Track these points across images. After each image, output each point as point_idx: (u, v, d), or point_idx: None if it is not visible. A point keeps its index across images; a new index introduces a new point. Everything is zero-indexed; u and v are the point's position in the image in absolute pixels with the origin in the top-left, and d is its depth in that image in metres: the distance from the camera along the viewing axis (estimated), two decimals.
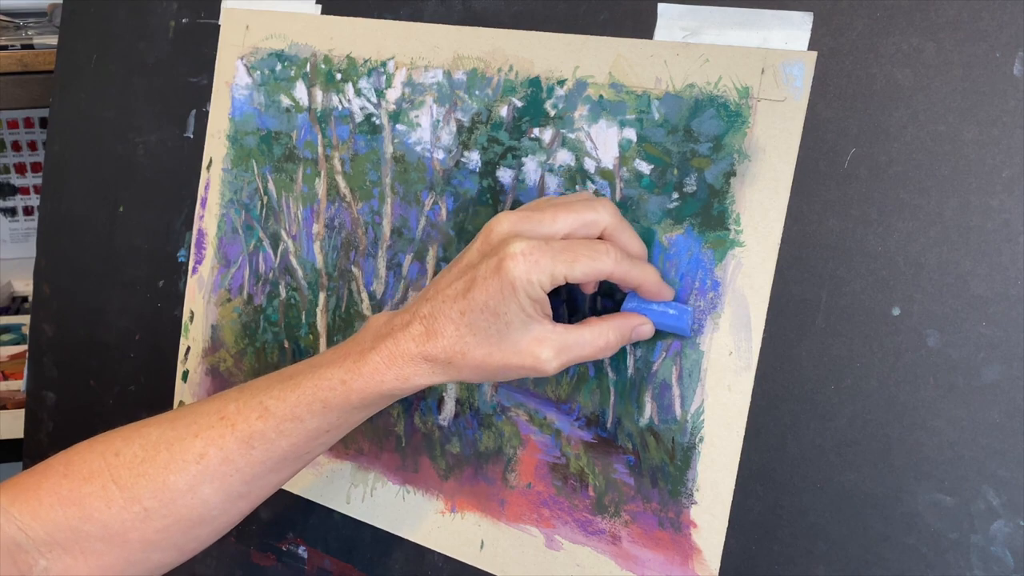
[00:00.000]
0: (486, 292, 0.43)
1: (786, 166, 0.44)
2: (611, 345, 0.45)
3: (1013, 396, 0.40)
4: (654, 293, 0.46)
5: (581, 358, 0.45)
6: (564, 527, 0.51)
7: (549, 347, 0.43)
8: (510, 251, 0.42)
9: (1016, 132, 0.39)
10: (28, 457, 0.78)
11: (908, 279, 0.42)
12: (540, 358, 0.43)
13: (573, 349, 0.44)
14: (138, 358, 0.70)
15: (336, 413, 0.46)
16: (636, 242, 0.46)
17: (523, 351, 0.43)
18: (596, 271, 0.43)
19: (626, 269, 0.44)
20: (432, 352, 0.44)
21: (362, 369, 0.45)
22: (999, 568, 0.40)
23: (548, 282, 0.42)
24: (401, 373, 0.44)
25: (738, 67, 0.45)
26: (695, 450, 0.47)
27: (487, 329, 0.43)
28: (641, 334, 0.46)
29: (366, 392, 0.45)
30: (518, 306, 0.42)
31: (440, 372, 0.45)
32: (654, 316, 0.46)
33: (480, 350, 0.43)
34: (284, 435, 0.46)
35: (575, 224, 0.44)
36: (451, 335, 0.44)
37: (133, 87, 0.70)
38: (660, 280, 0.46)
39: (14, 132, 1.30)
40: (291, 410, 0.45)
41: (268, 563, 0.63)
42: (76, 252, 0.74)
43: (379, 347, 0.45)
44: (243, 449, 0.46)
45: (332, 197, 0.59)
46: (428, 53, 0.55)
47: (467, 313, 0.43)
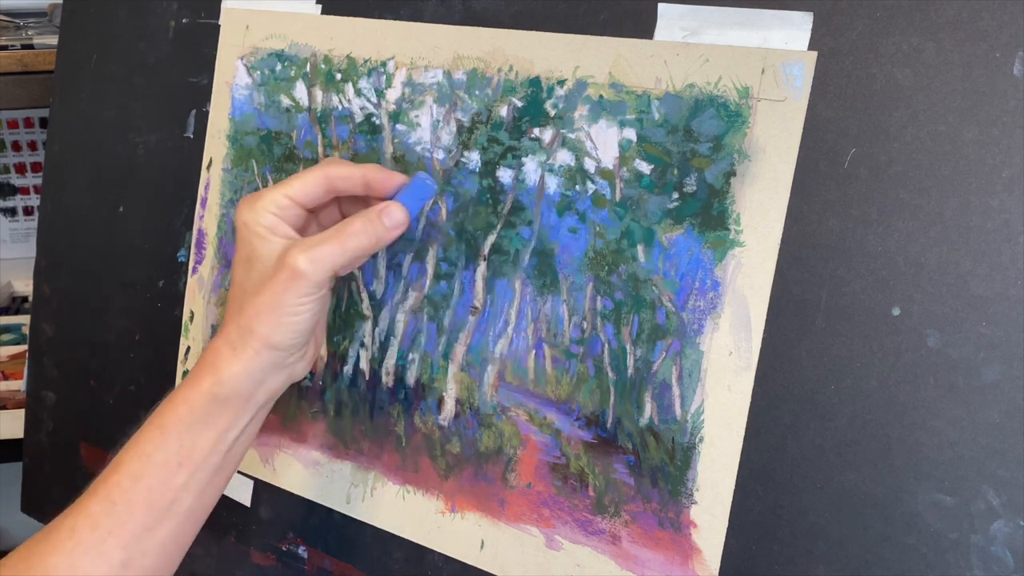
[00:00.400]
0: (236, 254, 0.48)
1: (786, 166, 0.44)
2: (358, 230, 0.47)
3: (1013, 396, 0.40)
4: (384, 182, 0.49)
5: (337, 255, 0.46)
6: (564, 527, 0.51)
7: (296, 251, 0.46)
8: (237, 207, 0.48)
9: (1016, 132, 0.39)
10: (28, 457, 0.78)
11: (908, 279, 0.42)
12: (295, 266, 0.45)
13: (323, 248, 0.46)
14: (138, 358, 0.70)
15: (174, 435, 0.46)
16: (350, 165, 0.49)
17: (279, 267, 0.46)
18: (310, 181, 0.47)
19: (341, 170, 0.48)
20: (227, 333, 0.47)
21: (183, 384, 0.47)
22: (999, 568, 0.40)
23: (272, 206, 0.47)
24: (211, 366, 0.46)
25: (738, 67, 0.45)
26: (695, 450, 0.47)
27: (249, 275, 0.47)
28: (392, 215, 0.48)
29: (189, 400, 0.46)
30: (258, 238, 0.46)
31: (240, 346, 0.46)
32: (399, 198, 0.49)
33: (250, 296, 0.46)
34: (136, 478, 0.46)
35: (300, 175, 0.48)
36: (232, 310, 0.47)
37: (133, 87, 0.70)
38: (384, 170, 0.50)
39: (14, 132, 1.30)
40: (135, 448, 0.47)
41: (268, 563, 0.63)
42: (76, 252, 0.74)
43: (197, 362, 0.48)
44: (106, 507, 0.46)
45: None
46: (428, 53, 0.55)
47: (233, 283, 0.48)
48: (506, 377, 0.53)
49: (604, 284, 0.49)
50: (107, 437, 0.72)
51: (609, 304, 0.49)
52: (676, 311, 0.47)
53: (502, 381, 0.53)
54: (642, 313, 0.48)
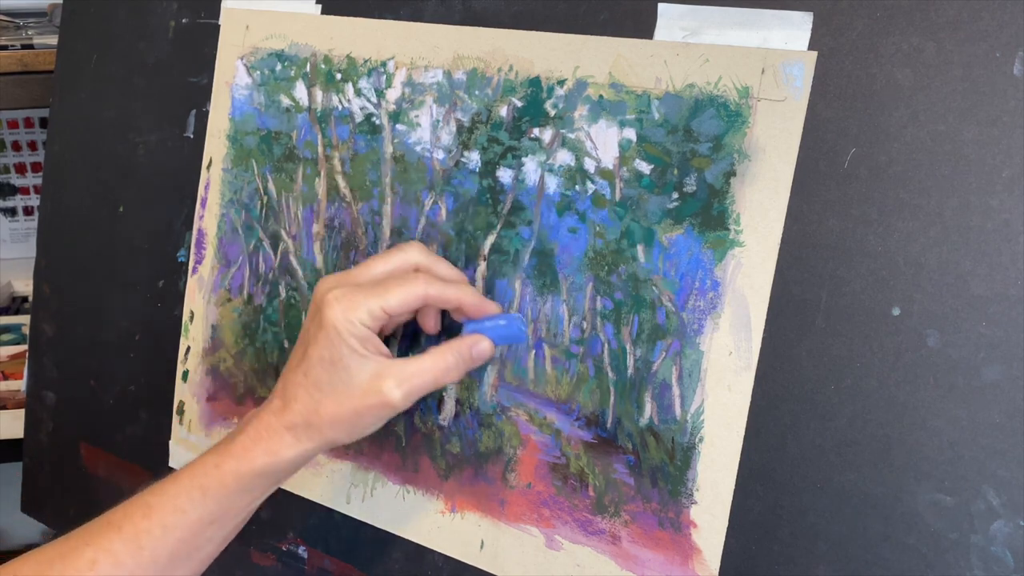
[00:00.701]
0: (318, 347, 0.46)
1: (786, 166, 0.44)
2: (451, 367, 0.47)
3: (1013, 396, 0.40)
4: (476, 308, 0.49)
5: (425, 385, 0.47)
6: (564, 527, 0.51)
7: (389, 379, 0.46)
8: (326, 300, 0.46)
9: (1016, 132, 0.39)
10: (28, 457, 0.78)
11: (908, 279, 0.42)
12: (383, 391, 0.46)
13: (414, 378, 0.46)
14: (138, 358, 0.70)
15: (215, 499, 0.47)
16: (451, 269, 0.49)
17: (368, 390, 0.46)
18: (409, 296, 0.46)
19: (439, 289, 0.47)
20: (290, 419, 0.46)
21: (232, 450, 0.47)
22: (999, 568, 0.40)
23: (367, 317, 0.45)
24: (269, 447, 0.47)
25: (738, 67, 0.45)
26: (695, 450, 0.47)
27: (330, 381, 0.46)
28: (481, 350, 0.49)
29: (240, 472, 0.47)
30: (348, 348, 0.45)
31: (304, 437, 0.47)
32: (487, 331, 0.49)
33: (330, 402, 0.46)
34: (169, 530, 0.47)
35: (388, 267, 0.48)
36: (302, 397, 0.46)
37: (133, 87, 0.70)
38: (479, 296, 0.49)
39: (14, 132, 1.30)
40: (172, 502, 0.47)
41: (268, 563, 0.63)
42: (76, 252, 0.74)
43: (246, 428, 0.47)
44: (131, 550, 0.46)
45: (332, 197, 0.59)
46: (428, 53, 0.55)
47: (309, 372, 0.46)
48: (506, 377, 0.53)
49: (604, 284, 0.49)
50: (107, 437, 0.72)
51: (609, 304, 0.49)
52: (676, 311, 0.47)
53: (502, 381, 0.53)
54: (642, 313, 0.48)
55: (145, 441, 0.70)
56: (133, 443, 0.71)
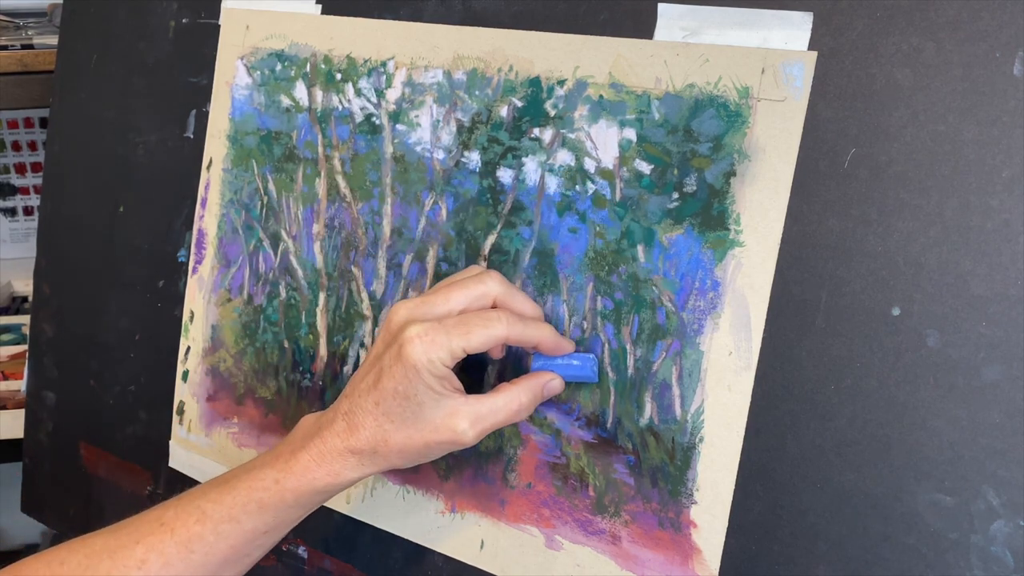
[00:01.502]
0: (393, 379, 0.45)
1: (786, 166, 0.44)
2: (524, 407, 0.47)
3: (1013, 396, 0.40)
4: (553, 348, 0.48)
5: (497, 424, 0.47)
6: (564, 527, 0.51)
7: (463, 419, 0.46)
8: (407, 336, 0.45)
9: (1016, 132, 0.39)
10: (28, 457, 0.78)
11: (908, 279, 0.42)
12: (457, 431, 0.46)
13: (488, 417, 0.46)
14: (138, 358, 0.70)
15: (272, 513, 0.47)
16: (528, 304, 0.49)
17: (440, 427, 0.46)
18: (491, 338, 0.46)
19: (520, 331, 0.47)
20: (356, 445, 0.46)
21: (293, 468, 0.47)
22: (999, 568, 0.40)
23: (448, 358, 0.45)
24: (332, 469, 0.47)
25: (738, 67, 0.45)
26: (695, 450, 0.47)
27: (402, 414, 0.45)
28: (552, 389, 0.49)
29: (300, 490, 0.47)
30: (425, 386, 0.45)
31: (368, 463, 0.47)
32: (560, 370, 0.49)
33: (400, 435, 0.46)
34: (222, 537, 0.47)
35: (467, 299, 0.47)
36: (371, 426, 0.46)
37: (133, 87, 0.70)
38: (556, 335, 0.48)
39: (14, 132, 1.29)
40: (228, 512, 0.47)
41: (268, 563, 0.63)
42: (76, 252, 0.74)
43: (308, 446, 0.47)
44: (183, 554, 0.47)
45: (332, 197, 0.59)
46: (428, 53, 0.55)
47: (381, 403, 0.46)
48: (506, 377, 0.53)
49: (604, 284, 0.49)
50: (107, 437, 0.72)
51: (609, 304, 0.49)
52: (676, 311, 0.47)
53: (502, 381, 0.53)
54: (642, 313, 0.48)
55: (145, 441, 0.70)
56: (133, 443, 0.71)
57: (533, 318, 0.48)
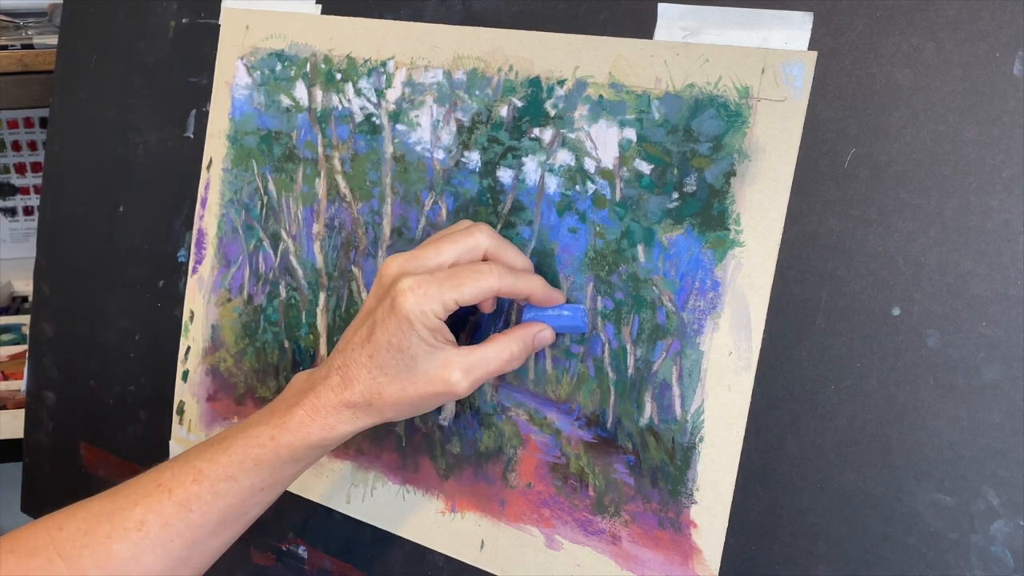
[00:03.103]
0: (387, 332, 0.46)
1: (786, 166, 0.44)
2: (516, 355, 0.48)
3: (1013, 396, 0.40)
4: (544, 299, 0.49)
5: (490, 373, 0.47)
6: (564, 527, 0.51)
7: (456, 369, 0.46)
8: (400, 288, 0.45)
9: (1016, 132, 0.39)
10: (28, 457, 0.78)
11: (908, 279, 0.42)
12: (450, 381, 0.46)
13: (480, 367, 0.47)
14: (138, 358, 0.70)
15: (268, 469, 0.47)
16: (519, 257, 0.49)
17: (433, 378, 0.46)
18: (483, 290, 0.46)
19: (511, 283, 0.47)
20: (351, 398, 0.47)
21: (288, 423, 0.47)
22: (999, 568, 0.40)
23: (441, 309, 0.45)
24: (326, 423, 0.47)
25: (738, 67, 0.45)
26: (695, 450, 0.47)
27: (396, 366, 0.46)
28: (543, 339, 0.49)
29: (295, 445, 0.47)
30: (418, 338, 0.45)
31: (363, 415, 0.47)
32: (550, 320, 0.49)
33: (394, 387, 0.46)
34: (220, 496, 0.47)
35: (458, 252, 0.47)
36: (365, 379, 0.46)
37: (133, 87, 0.70)
38: (547, 286, 0.49)
39: (14, 132, 1.30)
40: (224, 470, 0.47)
41: (268, 563, 0.63)
42: (76, 252, 0.74)
43: (302, 401, 0.47)
44: (182, 513, 0.47)
45: (332, 197, 0.59)
46: (428, 53, 0.55)
47: (375, 355, 0.46)
48: (506, 377, 0.53)
49: (604, 284, 0.49)
50: (107, 437, 0.72)
51: (609, 304, 0.49)
52: (676, 311, 0.47)
53: (502, 381, 0.53)
54: (642, 313, 0.48)
55: (145, 441, 0.70)
56: (133, 443, 0.71)
57: (523, 270, 0.49)
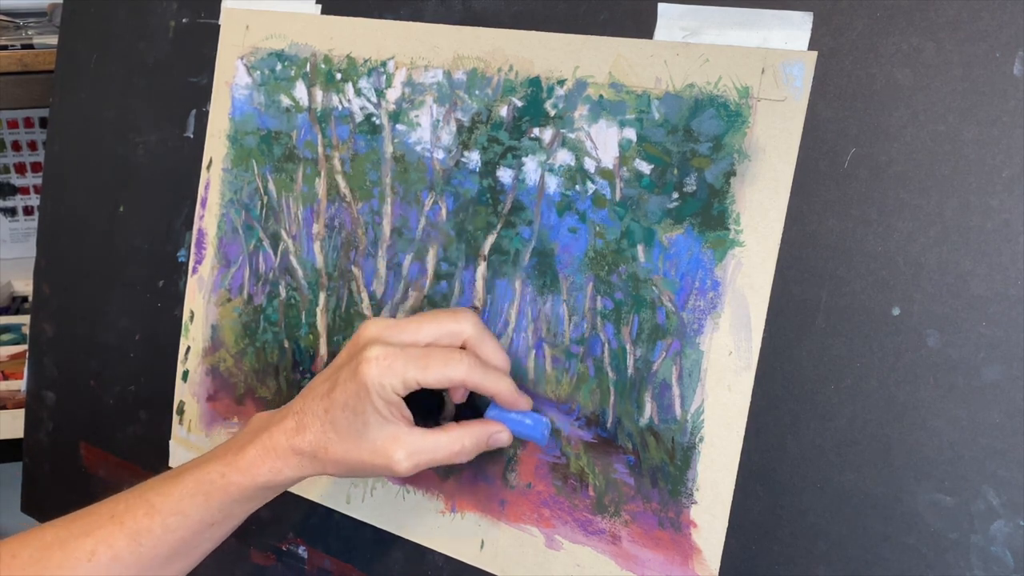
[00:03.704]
0: (345, 393, 0.46)
1: (786, 166, 0.44)
2: (466, 450, 0.48)
3: (1013, 396, 0.40)
4: (509, 403, 0.48)
5: (435, 462, 0.47)
6: (564, 527, 0.51)
7: (402, 448, 0.46)
8: (367, 355, 0.45)
9: (1016, 132, 0.39)
10: (28, 457, 0.78)
11: (908, 279, 0.42)
12: (392, 458, 0.46)
13: (425, 453, 0.47)
14: (138, 358, 0.70)
15: (217, 505, 0.48)
16: (498, 354, 0.48)
17: (378, 449, 0.46)
18: (448, 377, 0.46)
19: (479, 378, 0.47)
20: (299, 445, 0.47)
21: (239, 463, 0.48)
22: (999, 568, 0.40)
23: (400, 386, 0.45)
24: (274, 466, 0.47)
25: (738, 67, 0.45)
26: (695, 450, 0.47)
27: (347, 427, 0.46)
28: (497, 441, 0.49)
29: (243, 485, 0.48)
30: (373, 407, 0.45)
31: (307, 466, 0.47)
32: (511, 424, 0.49)
33: (340, 446, 0.46)
34: (170, 530, 0.48)
35: (437, 333, 0.47)
36: (316, 430, 0.47)
37: (133, 87, 0.70)
38: (515, 391, 0.48)
39: (14, 132, 1.29)
40: (175, 504, 0.48)
41: (268, 563, 0.63)
42: (76, 252, 0.74)
43: (255, 441, 0.48)
44: (132, 546, 0.47)
45: (332, 197, 0.59)
46: (428, 53, 0.55)
47: (330, 411, 0.46)
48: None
49: (604, 284, 0.49)
50: (107, 437, 0.72)
51: (609, 304, 0.49)
52: (676, 311, 0.47)
53: None
54: (642, 313, 0.48)
55: (145, 441, 0.70)
56: (133, 443, 0.71)
57: (497, 368, 0.48)
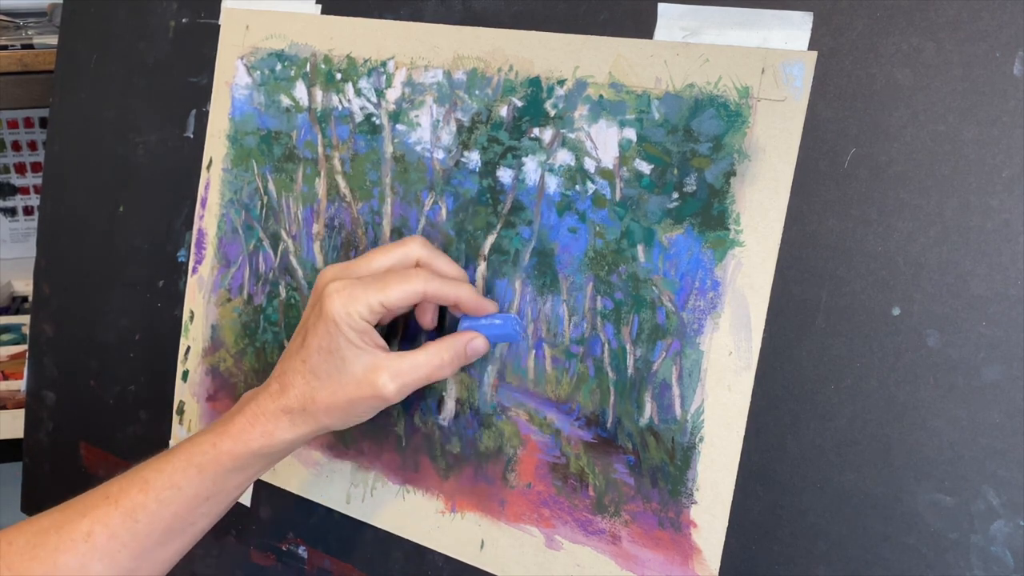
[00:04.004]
0: (316, 335, 0.47)
1: (786, 166, 0.44)
2: (446, 363, 0.48)
3: (1013, 396, 0.40)
4: (474, 307, 0.50)
5: (419, 380, 0.48)
6: (564, 527, 0.51)
7: (384, 373, 0.47)
8: (327, 291, 0.47)
9: (1016, 132, 0.39)
10: (28, 457, 0.78)
11: (908, 279, 0.42)
12: (377, 384, 0.47)
13: (409, 372, 0.47)
14: (138, 358, 0.70)
15: (211, 477, 0.48)
16: (451, 265, 0.50)
17: (362, 381, 0.47)
18: (408, 292, 0.47)
19: (437, 286, 0.48)
20: (287, 403, 0.48)
21: (229, 430, 0.48)
22: (999, 568, 0.40)
23: (366, 311, 0.46)
24: (265, 429, 0.48)
25: (738, 67, 0.45)
26: (695, 450, 0.47)
27: (327, 369, 0.47)
28: (476, 347, 0.50)
29: (235, 452, 0.48)
30: (346, 340, 0.46)
31: (300, 422, 0.48)
32: (483, 329, 0.50)
33: (326, 391, 0.47)
34: (165, 504, 0.48)
35: (390, 261, 0.49)
36: (299, 384, 0.48)
37: (133, 87, 0.70)
38: (476, 294, 0.50)
39: (14, 132, 1.30)
40: (168, 478, 0.48)
41: (268, 563, 0.63)
42: (76, 252, 0.74)
43: (244, 409, 0.49)
44: (128, 523, 0.48)
45: (332, 197, 0.59)
46: (428, 53, 0.55)
47: (307, 360, 0.47)
48: (506, 377, 0.53)
49: (604, 284, 0.49)
50: (107, 437, 0.72)
51: (609, 304, 0.49)
52: (676, 311, 0.47)
53: (502, 381, 0.53)
54: (642, 313, 0.48)
55: (145, 441, 0.70)
56: (133, 443, 0.71)
57: (455, 278, 0.49)
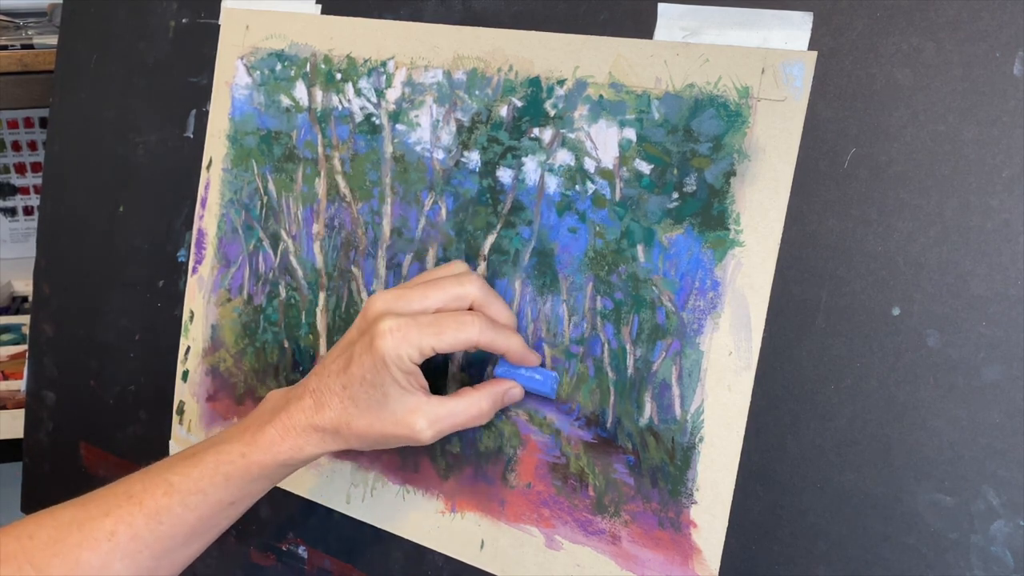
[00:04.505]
0: (362, 367, 0.47)
1: (786, 166, 0.44)
2: (484, 412, 0.49)
3: (1013, 396, 0.40)
4: (519, 359, 0.50)
5: (456, 427, 0.48)
6: (564, 527, 0.51)
7: (423, 417, 0.47)
8: (380, 328, 0.46)
9: (1016, 132, 0.39)
10: (28, 457, 0.78)
11: (908, 279, 0.42)
12: (415, 428, 0.47)
13: (446, 419, 0.48)
14: (138, 358, 0.70)
15: (237, 485, 0.48)
16: (504, 312, 0.49)
17: (399, 421, 0.47)
18: (462, 341, 0.47)
19: (491, 338, 0.48)
20: (320, 423, 0.48)
21: (260, 441, 0.48)
22: (999, 568, 0.40)
23: (417, 355, 0.46)
24: (295, 443, 0.48)
25: (738, 67, 0.45)
26: (695, 450, 0.47)
27: (367, 400, 0.47)
28: (512, 397, 0.51)
29: (264, 463, 0.48)
30: (391, 379, 0.46)
31: (330, 441, 0.48)
32: (521, 380, 0.51)
33: (362, 420, 0.47)
34: (190, 508, 0.48)
35: (444, 299, 0.48)
36: (336, 407, 0.48)
37: (133, 87, 0.70)
38: (524, 347, 0.50)
39: (14, 132, 1.29)
40: (195, 484, 0.48)
41: (268, 563, 0.63)
42: (76, 252, 0.74)
43: (275, 420, 0.49)
44: (151, 525, 0.48)
45: (332, 197, 0.59)
46: (428, 53, 0.55)
47: (348, 387, 0.47)
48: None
49: (604, 284, 0.49)
50: (107, 437, 0.72)
51: (609, 304, 0.49)
52: (676, 311, 0.47)
53: None
54: (642, 313, 0.48)
55: (145, 441, 0.70)
56: (133, 443, 0.71)
57: (506, 325, 0.49)
